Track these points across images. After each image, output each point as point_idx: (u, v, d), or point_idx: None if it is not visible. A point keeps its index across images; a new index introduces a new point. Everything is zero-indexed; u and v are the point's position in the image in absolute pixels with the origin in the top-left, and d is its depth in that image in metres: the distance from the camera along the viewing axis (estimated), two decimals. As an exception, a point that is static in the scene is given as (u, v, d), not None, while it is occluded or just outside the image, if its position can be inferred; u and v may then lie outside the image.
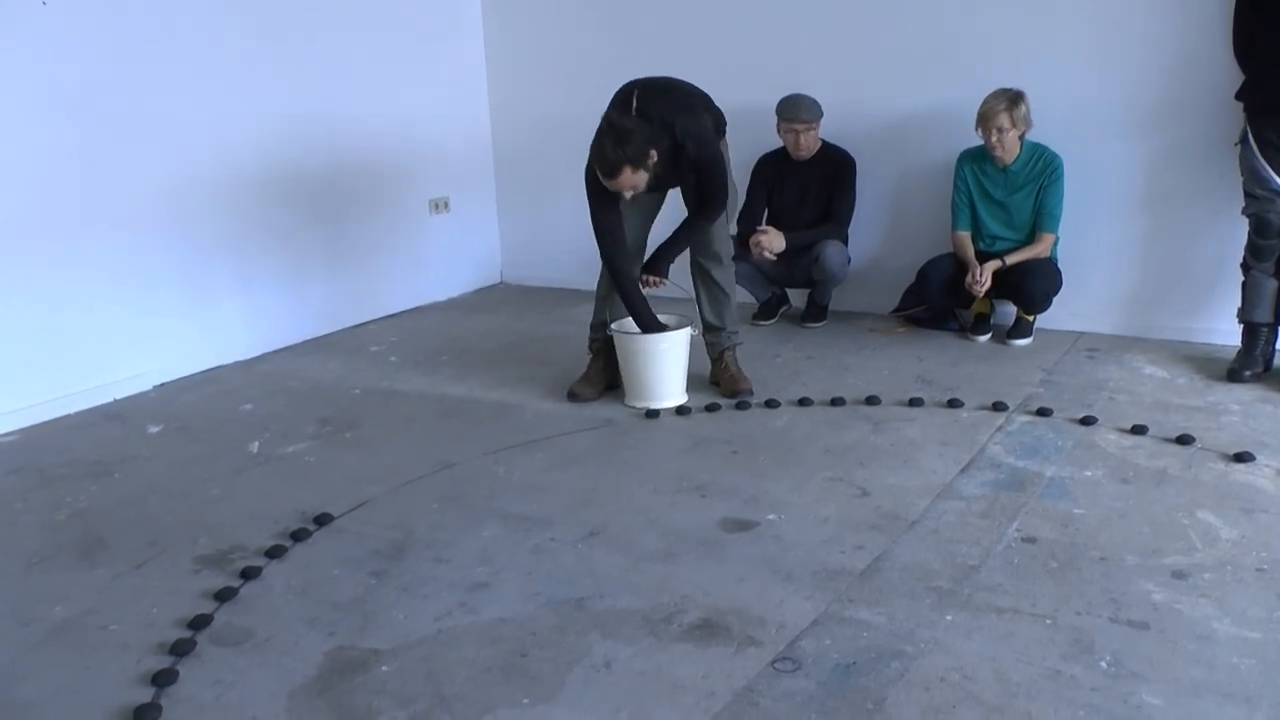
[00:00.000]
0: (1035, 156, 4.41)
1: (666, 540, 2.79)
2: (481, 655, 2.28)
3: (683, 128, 3.55)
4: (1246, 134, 3.88)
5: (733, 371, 3.97)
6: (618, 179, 3.46)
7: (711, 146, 3.67)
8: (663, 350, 3.76)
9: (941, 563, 2.61)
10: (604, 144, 3.44)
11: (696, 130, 3.60)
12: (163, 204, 4.29)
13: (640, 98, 3.59)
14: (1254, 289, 3.94)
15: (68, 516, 3.10)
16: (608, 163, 3.43)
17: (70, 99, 3.92)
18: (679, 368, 3.83)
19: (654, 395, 3.81)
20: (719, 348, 3.99)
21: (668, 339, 3.76)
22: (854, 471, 3.21)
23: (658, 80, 3.73)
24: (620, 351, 3.85)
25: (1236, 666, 2.14)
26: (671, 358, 3.79)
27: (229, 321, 4.61)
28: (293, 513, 3.04)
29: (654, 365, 3.78)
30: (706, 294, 3.96)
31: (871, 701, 2.07)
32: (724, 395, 3.92)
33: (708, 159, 3.64)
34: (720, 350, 3.99)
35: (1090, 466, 3.18)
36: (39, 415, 3.90)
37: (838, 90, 4.82)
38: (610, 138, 3.43)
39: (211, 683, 2.23)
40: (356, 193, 5.15)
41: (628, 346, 3.80)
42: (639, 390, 3.82)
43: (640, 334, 3.77)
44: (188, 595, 2.59)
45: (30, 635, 2.45)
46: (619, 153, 3.40)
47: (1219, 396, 3.75)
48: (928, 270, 4.60)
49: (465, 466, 3.38)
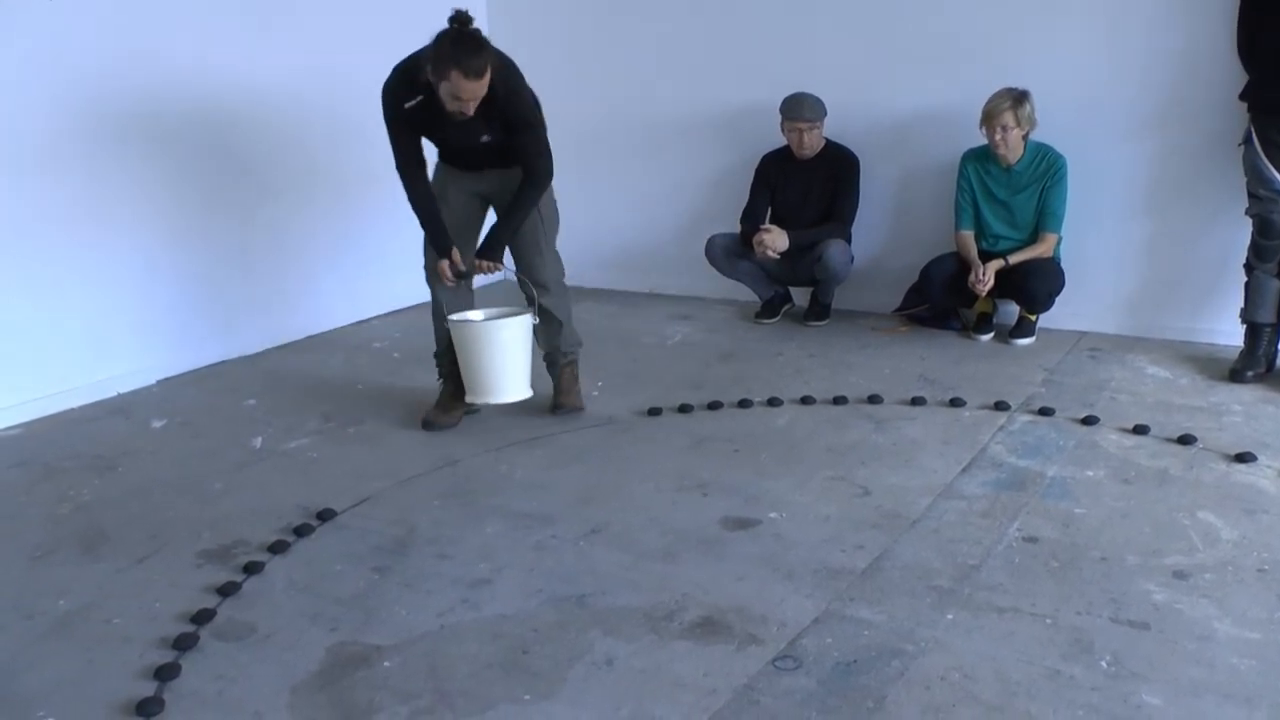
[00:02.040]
0: (1039, 156, 4.41)
1: (668, 538, 2.80)
2: (483, 651, 2.29)
3: (501, 77, 3.36)
4: (1250, 134, 3.87)
5: (566, 386, 3.82)
6: (481, 80, 3.23)
7: (526, 100, 3.49)
8: (506, 337, 3.52)
9: (942, 562, 2.62)
10: (463, 45, 3.19)
11: (515, 83, 3.44)
12: (167, 199, 4.29)
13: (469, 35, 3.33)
14: (1257, 289, 3.93)
15: (71, 510, 3.11)
16: (476, 61, 3.20)
17: (74, 94, 3.92)
18: (521, 357, 3.59)
19: (497, 389, 3.57)
20: (556, 367, 3.84)
21: (507, 325, 3.53)
22: (855, 470, 3.21)
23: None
24: (460, 344, 3.59)
25: (1236, 667, 2.14)
26: (513, 346, 3.55)
27: (232, 316, 4.61)
28: (295, 508, 3.05)
29: (496, 354, 3.53)
30: (541, 321, 3.72)
31: (872, 700, 2.07)
32: (551, 409, 3.78)
33: (523, 112, 3.47)
34: (557, 367, 3.84)
35: (1092, 466, 3.18)
36: (43, 409, 3.91)
37: (842, 89, 4.82)
38: (470, 39, 3.22)
39: (214, 677, 2.23)
40: (360, 189, 5.14)
41: (467, 335, 3.54)
42: (481, 384, 3.58)
43: (480, 321, 3.55)
44: (190, 590, 2.60)
45: (33, 628, 2.46)
46: (484, 54, 3.22)
47: (1221, 397, 3.75)
48: (930, 269, 4.60)
49: (468, 463, 3.38)
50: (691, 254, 5.09)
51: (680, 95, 5.38)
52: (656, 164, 5.52)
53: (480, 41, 3.26)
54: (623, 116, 5.56)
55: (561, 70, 5.55)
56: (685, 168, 5.45)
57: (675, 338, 4.80)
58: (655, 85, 5.44)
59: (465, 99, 3.28)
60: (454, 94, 3.27)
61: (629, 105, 5.36)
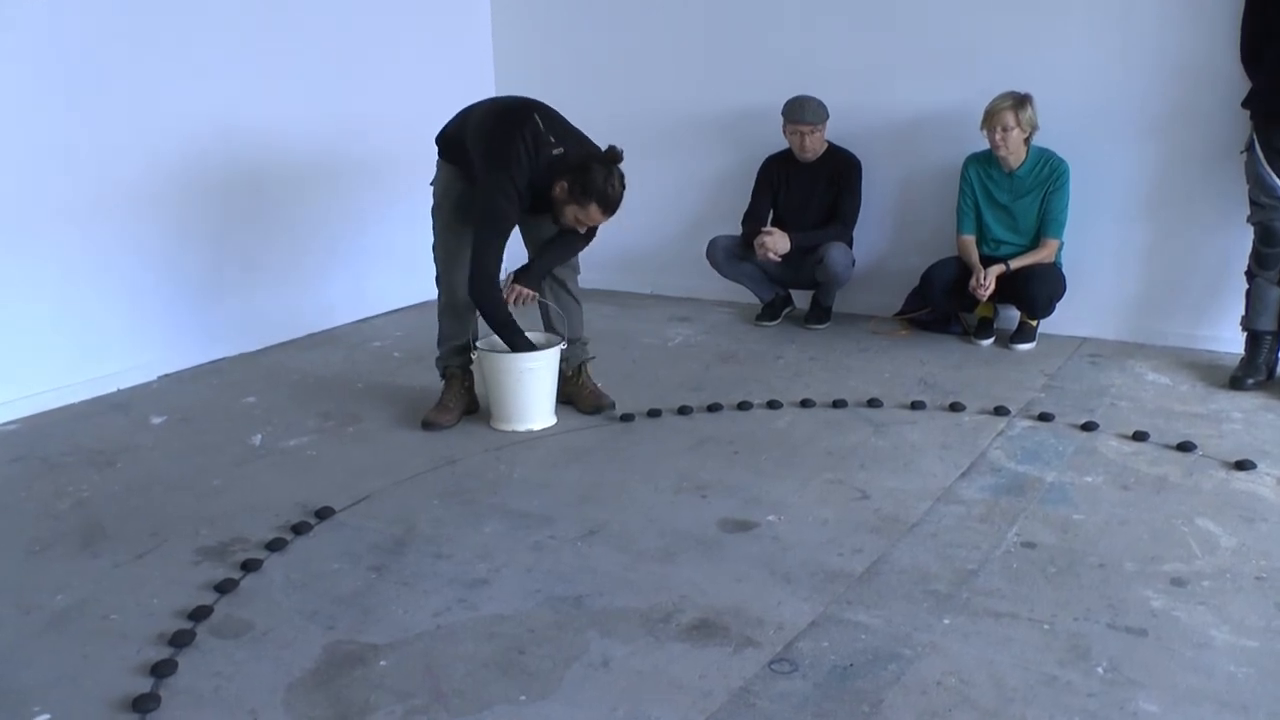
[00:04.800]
0: (1041, 161, 4.41)
1: (666, 539, 2.80)
2: (480, 651, 2.29)
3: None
4: (1253, 142, 3.87)
5: (590, 387, 3.82)
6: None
7: None
8: (536, 369, 3.57)
9: (940, 566, 2.61)
10: (614, 183, 3.39)
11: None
12: (168, 196, 4.29)
13: (548, 123, 3.48)
14: (1258, 297, 3.93)
15: (70, 506, 3.11)
16: (618, 202, 3.43)
17: (74, 90, 3.92)
18: (550, 386, 3.65)
19: (526, 417, 3.61)
20: (575, 362, 3.81)
21: (541, 357, 3.57)
22: (854, 474, 3.21)
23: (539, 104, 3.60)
24: (489, 373, 3.61)
25: (1234, 675, 2.14)
26: (544, 376, 3.60)
27: (233, 314, 4.61)
28: (294, 506, 3.05)
29: (527, 385, 3.58)
30: (560, 306, 3.75)
31: (868, 704, 2.07)
32: (585, 412, 3.77)
33: None
34: (577, 364, 3.82)
35: (1091, 472, 3.18)
36: (42, 404, 3.91)
37: (844, 92, 4.82)
38: (621, 179, 3.41)
39: (210, 674, 2.23)
40: (361, 188, 5.15)
41: (499, 367, 3.57)
42: (510, 413, 3.61)
43: (512, 353, 3.55)
44: (188, 586, 2.60)
45: (31, 623, 2.45)
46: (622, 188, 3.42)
47: (1221, 404, 3.75)
48: (932, 273, 4.60)
49: (467, 462, 3.38)
50: (693, 256, 5.09)
51: (683, 97, 5.39)
52: (658, 166, 5.50)
53: (624, 181, 3.42)
54: (625, 118, 5.53)
55: (564, 73, 5.57)
56: (687, 170, 5.45)
57: (676, 339, 4.80)
58: (658, 87, 5.44)
59: (588, 225, 3.48)
60: (581, 219, 3.45)
61: (631, 107, 5.35)
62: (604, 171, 3.37)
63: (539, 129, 3.42)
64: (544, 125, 3.44)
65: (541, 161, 3.40)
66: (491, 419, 3.68)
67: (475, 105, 3.68)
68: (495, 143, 3.41)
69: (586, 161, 3.39)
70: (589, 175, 3.36)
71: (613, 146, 3.43)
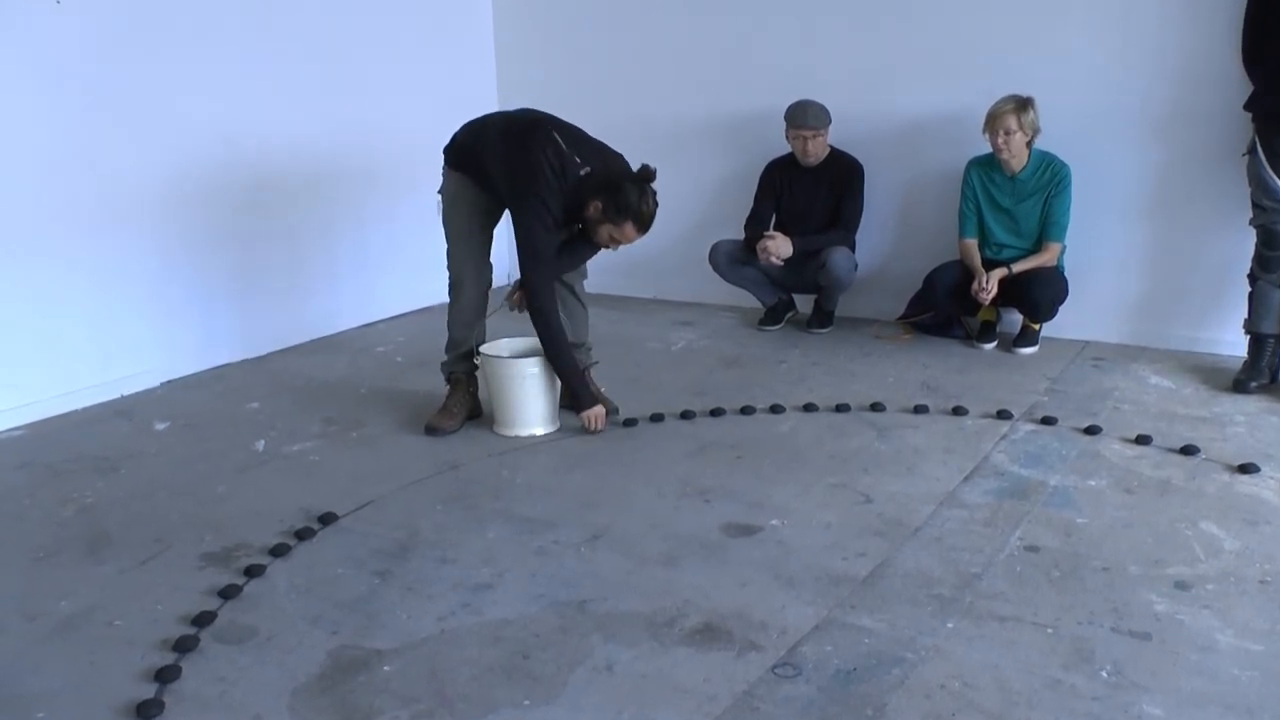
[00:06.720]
0: (1043, 165, 4.41)
1: (669, 544, 2.80)
2: (484, 656, 2.29)
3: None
4: (1255, 144, 3.88)
5: (594, 391, 3.76)
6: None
7: None
8: (539, 374, 3.58)
9: (944, 570, 2.61)
10: (649, 201, 3.40)
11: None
12: (171, 201, 4.30)
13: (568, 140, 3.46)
14: (1261, 300, 3.93)
15: (74, 512, 3.11)
16: (652, 219, 3.43)
17: (78, 97, 3.93)
18: (553, 391, 3.65)
19: (529, 422, 3.62)
20: (581, 365, 3.76)
21: (543, 362, 3.58)
22: (858, 478, 3.21)
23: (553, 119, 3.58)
24: (492, 378, 3.63)
25: (1238, 678, 2.14)
26: (547, 381, 3.61)
27: (236, 319, 4.62)
28: (297, 511, 3.05)
29: (530, 390, 3.59)
30: (566, 310, 3.70)
31: (872, 708, 2.07)
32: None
33: None
34: (583, 369, 3.77)
35: (1094, 476, 3.18)
36: (47, 410, 3.91)
37: (847, 97, 4.83)
38: (654, 197, 3.41)
39: (214, 680, 2.23)
40: (365, 193, 5.16)
41: (502, 372, 3.59)
42: (513, 418, 3.63)
43: (514, 358, 3.59)
44: (192, 592, 2.60)
45: (36, 630, 2.46)
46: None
47: (1224, 407, 3.75)
48: (934, 277, 4.60)
49: (470, 467, 3.38)
50: (696, 260, 5.09)
51: (685, 102, 5.39)
52: (661, 170, 5.43)
53: (657, 199, 3.42)
54: (627, 123, 5.52)
55: (566, 77, 5.58)
56: (690, 174, 5.44)
57: (679, 344, 4.81)
58: (660, 92, 5.45)
59: (622, 243, 3.47)
60: (616, 238, 3.45)
61: (634, 112, 5.36)
62: (637, 190, 3.37)
63: (561, 148, 3.41)
64: (565, 143, 3.43)
65: (570, 181, 3.40)
66: (494, 424, 3.69)
67: (485, 122, 3.68)
68: (520, 169, 3.41)
69: (619, 180, 3.39)
70: (623, 194, 3.36)
71: (645, 165, 3.43)
